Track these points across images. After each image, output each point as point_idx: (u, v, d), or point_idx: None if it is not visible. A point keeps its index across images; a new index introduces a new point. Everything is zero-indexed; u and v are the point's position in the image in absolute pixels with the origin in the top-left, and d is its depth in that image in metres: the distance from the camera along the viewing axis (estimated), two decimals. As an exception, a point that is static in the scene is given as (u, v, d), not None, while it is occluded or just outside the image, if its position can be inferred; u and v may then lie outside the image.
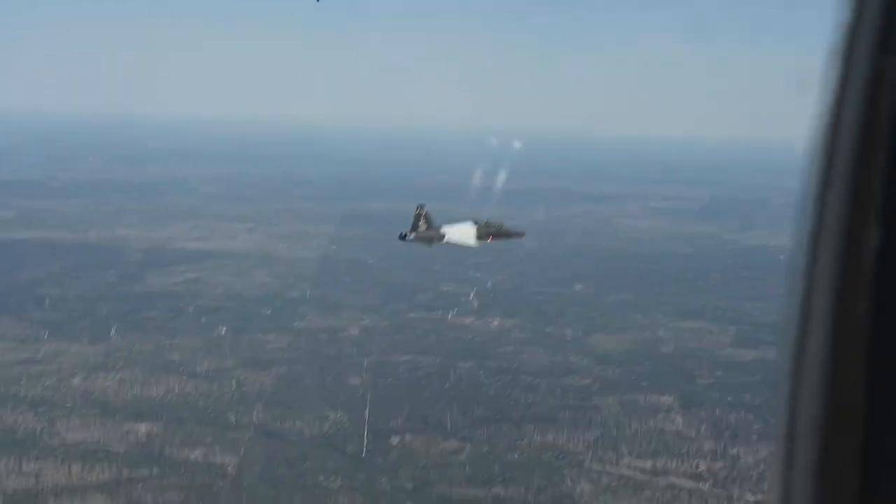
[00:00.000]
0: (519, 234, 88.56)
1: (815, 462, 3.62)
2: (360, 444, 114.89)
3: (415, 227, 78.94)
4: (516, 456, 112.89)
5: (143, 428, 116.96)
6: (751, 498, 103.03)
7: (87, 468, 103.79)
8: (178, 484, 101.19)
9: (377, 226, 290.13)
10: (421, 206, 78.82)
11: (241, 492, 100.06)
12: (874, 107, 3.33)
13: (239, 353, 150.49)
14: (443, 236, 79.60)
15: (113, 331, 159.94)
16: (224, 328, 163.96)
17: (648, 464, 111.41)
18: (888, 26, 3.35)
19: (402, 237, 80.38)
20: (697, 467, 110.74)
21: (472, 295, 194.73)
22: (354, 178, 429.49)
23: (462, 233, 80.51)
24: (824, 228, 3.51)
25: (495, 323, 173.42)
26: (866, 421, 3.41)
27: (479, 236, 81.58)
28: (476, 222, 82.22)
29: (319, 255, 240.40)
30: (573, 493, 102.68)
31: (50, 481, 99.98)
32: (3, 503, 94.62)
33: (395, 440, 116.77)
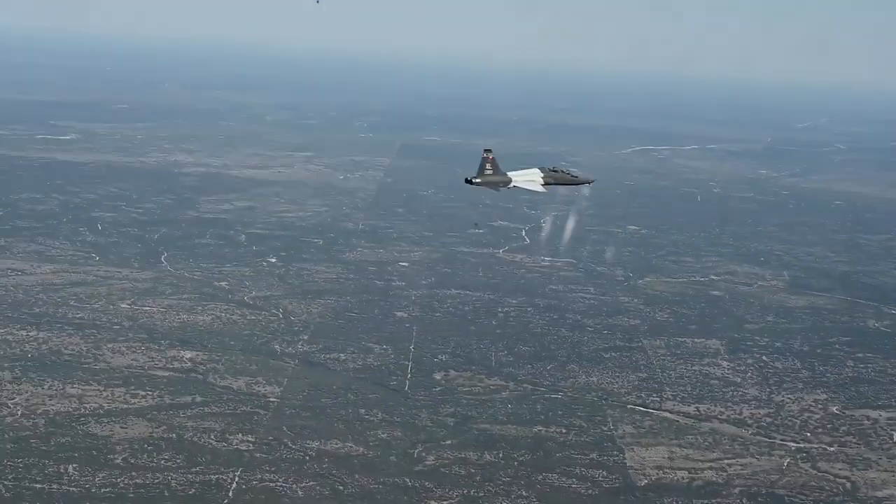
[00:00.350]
0: (587, 181, 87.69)
1: None
2: (404, 379, 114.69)
3: (481, 172, 78.30)
4: (559, 396, 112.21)
5: (187, 355, 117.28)
6: (792, 445, 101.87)
7: (129, 393, 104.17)
8: (219, 412, 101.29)
9: (434, 159, 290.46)
10: (488, 151, 78.26)
11: (281, 422, 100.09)
12: None
13: (288, 283, 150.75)
14: (509, 181, 78.96)
15: (163, 256, 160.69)
16: (274, 257, 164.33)
17: (692, 408, 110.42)
18: None
19: (469, 181, 79.68)
20: (741, 413, 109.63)
21: (524, 231, 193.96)
22: (416, 110, 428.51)
23: (529, 178, 79.76)
24: None
25: (546, 261, 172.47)
26: None
27: (546, 182, 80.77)
28: (543, 168, 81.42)
29: (375, 186, 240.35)
30: (614, 435, 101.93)
31: (92, 404, 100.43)
32: (45, 425, 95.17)
33: (438, 375, 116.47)
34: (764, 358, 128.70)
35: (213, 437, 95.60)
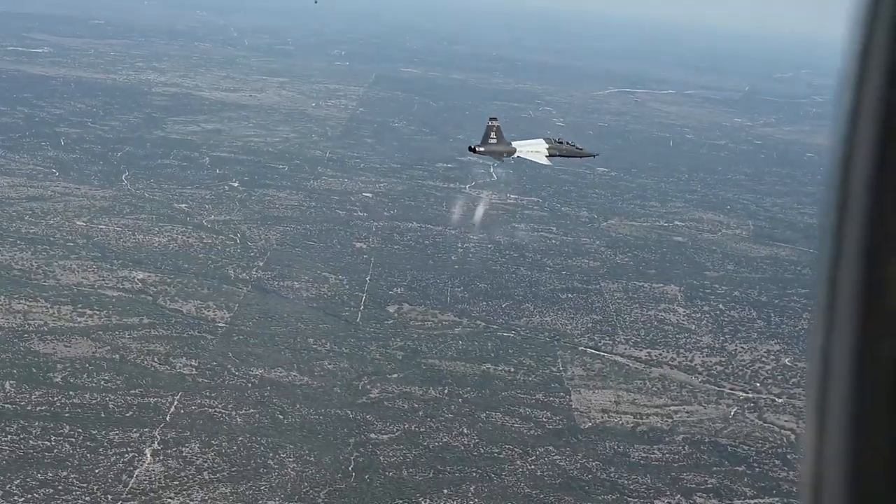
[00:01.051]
0: (591, 155, 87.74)
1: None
2: (356, 310, 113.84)
3: (485, 140, 77.86)
4: (511, 334, 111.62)
5: (139, 276, 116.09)
6: (741, 395, 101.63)
7: (76, 311, 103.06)
8: (165, 335, 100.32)
9: (409, 91, 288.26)
10: (493, 119, 77.87)
11: (227, 347, 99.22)
12: (889, 136, 3.35)
13: (248, 208, 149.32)
14: (513, 151, 78.66)
15: (125, 175, 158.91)
16: (237, 181, 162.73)
17: (643, 353, 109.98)
18: None
19: (472, 149, 79.52)
20: (692, 360, 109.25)
21: (492, 168, 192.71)
22: (397, 42, 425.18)
23: (533, 149, 79.50)
24: (843, 259, 3.48)
25: (512, 198, 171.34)
26: None
27: (550, 154, 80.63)
28: (548, 140, 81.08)
29: (347, 115, 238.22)
30: (562, 376, 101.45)
31: (37, 321, 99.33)
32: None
33: (392, 308, 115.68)
34: (720, 306, 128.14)
35: (156, 359, 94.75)
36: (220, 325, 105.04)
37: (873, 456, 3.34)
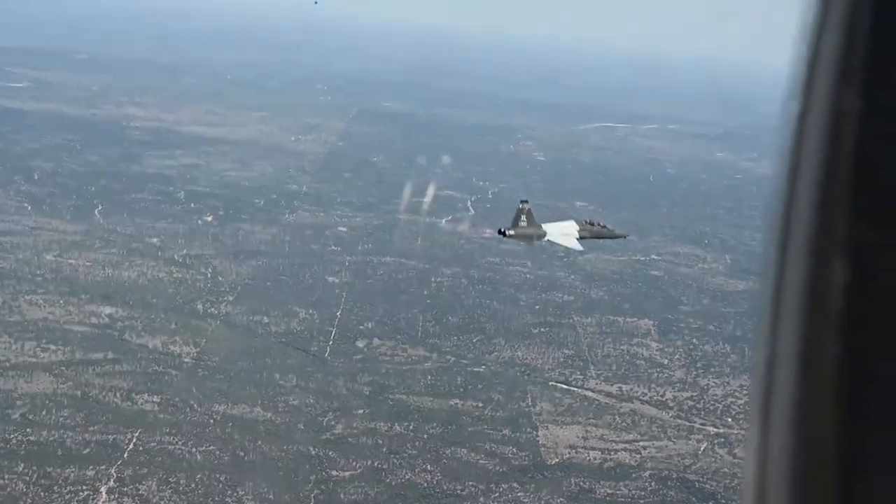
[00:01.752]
0: (622, 235, 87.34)
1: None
2: (325, 345, 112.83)
3: (516, 224, 77.13)
4: (482, 369, 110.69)
5: (107, 310, 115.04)
6: (711, 430, 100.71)
7: (40, 347, 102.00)
8: (129, 371, 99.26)
9: (390, 125, 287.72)
10: (524, 202, 77.14)
11: (192, 383, 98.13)
12: (835, 141, 3.37)
13: (221, 243, 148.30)
14: (544, 234, 77.99)
15: (98, 210, 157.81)
16: (211, 216, 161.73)
17: (614, 388, 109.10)
18: (848, 59, 3.36)
19: (502, 233, 78.68)
20: (663, 395, 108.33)
21: (470, 202, 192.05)
22: (381, 76, 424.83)
23: (564, 231, 78.90)
24: (789, 264, 3.52)
25: (488, 232, 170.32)
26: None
27: (582, 236, 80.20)
28: (579, 221, 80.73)
29: (326, 150, 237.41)
30: (531, 412, 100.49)
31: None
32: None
33: (361, 343, 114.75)
34: (694, 340, 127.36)
35: (118, 395, 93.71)
36: (185, 360, 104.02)
37: (817, 456, 3.31)
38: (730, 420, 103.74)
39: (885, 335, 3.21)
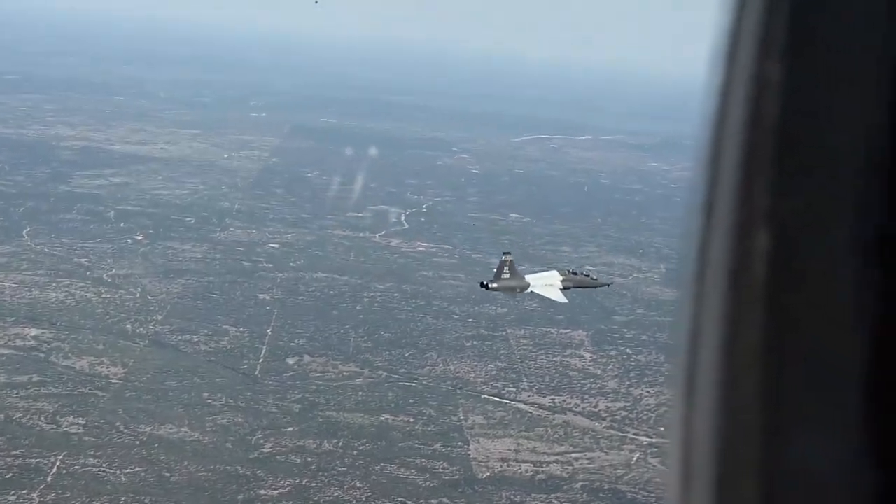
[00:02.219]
0: (604, 284, 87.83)
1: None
2: (255, 362, 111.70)
3: (498, 276, 77.08)
4: (413, 384, 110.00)
5: (32, 332, 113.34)
6: (644, 440, 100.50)
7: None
8: (55, 393, 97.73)
9: (324, 140, 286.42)
10: (506, 254, 77.39)
11: (118, 404, 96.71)
12: (757, 113, 3.39)
13: (151, 262, 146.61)
14: (527, 286, 78.06)
15: (25, 231, 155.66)
16: (141, 235, 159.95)
17: (547, 399, 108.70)
18: (770, 31, 3.39)
19: (485, 286, 78.79)
20: (596, 406, 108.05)
21: (403, 216, 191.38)
22: (318, 92, 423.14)
23: (547, 282, 78.96)
24: (712, 237, 3.52)
25: (422, 246, 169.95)
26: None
27: (565, 286, 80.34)
28: (562, 271, 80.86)
29: (259, 166, 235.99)
30: (462, 426, 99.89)
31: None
32: None
33: (292, 361, 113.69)
34: (628, 351, 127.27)
35: (43, 418, 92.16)
36: (113, 381, 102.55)
37: (741, 431, 3.29)
38: (663, 430, 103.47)
39: (808, 306, 3.25)
